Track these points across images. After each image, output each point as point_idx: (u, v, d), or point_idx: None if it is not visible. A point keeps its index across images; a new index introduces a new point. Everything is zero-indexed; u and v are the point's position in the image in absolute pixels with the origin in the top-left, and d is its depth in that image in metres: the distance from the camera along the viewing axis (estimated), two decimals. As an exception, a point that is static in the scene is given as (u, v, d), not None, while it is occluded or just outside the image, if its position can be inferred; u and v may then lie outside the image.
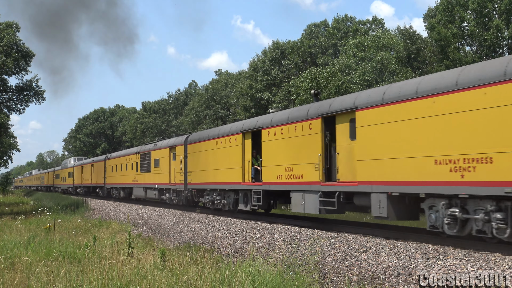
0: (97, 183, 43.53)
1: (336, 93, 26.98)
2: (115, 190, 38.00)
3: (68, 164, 59.15)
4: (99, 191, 43.68)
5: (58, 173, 67.40)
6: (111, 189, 39.09)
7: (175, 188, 24.33)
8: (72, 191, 55.25)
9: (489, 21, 27.95)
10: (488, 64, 9.38)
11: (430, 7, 35.01)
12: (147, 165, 29.12)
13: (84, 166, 49.52)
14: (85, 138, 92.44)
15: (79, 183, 51.61)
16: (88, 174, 47.24)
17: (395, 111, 10.88)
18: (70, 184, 56.32)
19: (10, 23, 32.49)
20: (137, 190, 31.31)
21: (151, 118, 71.03)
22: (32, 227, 18.62)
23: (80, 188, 51.59)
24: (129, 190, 34.31)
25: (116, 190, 37.79)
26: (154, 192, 27.73)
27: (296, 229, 14.19)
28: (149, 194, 28.85)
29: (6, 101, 34.69)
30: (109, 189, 39.82)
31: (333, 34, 40.68)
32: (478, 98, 9.09)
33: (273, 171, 15.99)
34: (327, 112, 13.51)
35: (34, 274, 9.08)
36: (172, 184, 24.86)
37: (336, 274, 9.85)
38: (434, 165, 9.89)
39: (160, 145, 27.37)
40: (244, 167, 17.98)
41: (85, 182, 48.35)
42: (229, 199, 19.45)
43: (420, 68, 32.06)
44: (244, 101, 43.06)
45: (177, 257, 11.20)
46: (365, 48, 30.41)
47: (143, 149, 30.84)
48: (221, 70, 66.46)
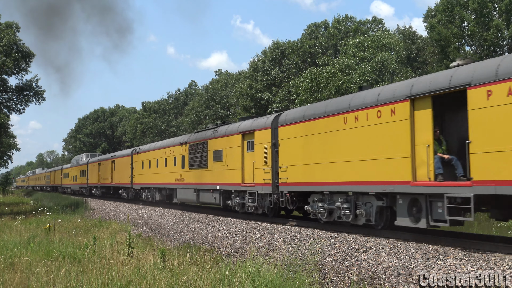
0: (120, 183, 35.80)
1: (336, 93, 26.98)
2: (146, 192, 30.25)
3: (80, 161, 51.72)
4: (123, 193, 35.99)
5: (67, 172, 59.48)
6: (141, 190, 31.40)
7: (254, 190, 17.48)
8: (85, 192, 48.44)
9: (489, 21, 27.94)
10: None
11: (430, 7, 35.02)
12: (200, 158, 22.06)
13: (102, 163, 41.43)
14: (85, 138, 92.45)
15: (94, 183, 43.90)
16: (107, 172, 39.55)
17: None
18: (83, 184, 49.19)
19: (10, 23, 32.51)
20: (183, 193, 24.03)
21: (151, 118, 71.04)
22: (32, 227, 18.63)
23: (96, 189, 43.89)
24: (169, 191, 26.98)
25: (148, 191, 30.02)
26: (214, 196, 20.76)
27: (296, 229, 14.19)
28: (205, 198, 21.80)
29: (6, 101, 34.69)
30: (138, 190, 32.32)
31: (333, 34, 40.68)
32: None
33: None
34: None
35: (34, 274, 9.07)
36: (247, 185, 17.94)
37: (336, 274, 9.85)
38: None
39: (225, 130, 20.00)
40: (414, 156, 10.72)
41: (104, 181, 40.71)
42: (367, 207, 12.37)
43: (420, 68, 32.06)
44: (244, 101, 43.07)
45: (177, 257, 11.20)
46: (365, 48, 30.42)
47: (193, 138, 23.42)
48: (221, 70, 66.48)
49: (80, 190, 51.48)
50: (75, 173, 53.91)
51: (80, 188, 51.35)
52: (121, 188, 36.16)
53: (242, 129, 18.48)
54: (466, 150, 9.43)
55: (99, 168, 42.18)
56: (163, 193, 27.62)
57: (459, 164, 10.12)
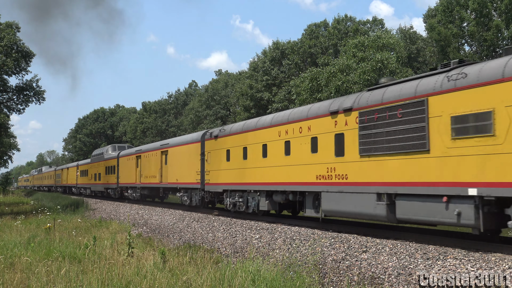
0: (178, 182, 24.63)
1: (336, 93, 26.98)
2: (236, 197, 19.07)
3: (105, 155, 40.71)
4: (185, 196, 24.27)
5: (85, 169, 48.53)
6: (225, 194, 20.04)
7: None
8: (114, 195, 38.13)
9: (489, 21, 27.94)
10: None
11: (430, 7, 35.03)
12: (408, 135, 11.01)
13: (145, 156, 30.52)
14: (85, 138, 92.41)
15: (129, 183, 33.34)
16: (152, 168, 28.92)
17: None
18: (110, 184, 38.29)
19: (10, 23, 32.51)
20: (347, 201, 12.97)
21: (151, 118, 71.02)
22: (32, 227, 18.63)
23: (133, 191, 33.27)
24: (299, 197, 15.46)
25: (239, 196, 18.89)
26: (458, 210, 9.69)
27: (296, 229, 14.18)
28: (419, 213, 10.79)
29: (6, 101, 34.69)
30: (216, 194, 21.11)
31: (333, 34, 40.67)
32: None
33: None
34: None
35: (34, 274, 9.08)
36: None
37: (336, 274, 9.85)
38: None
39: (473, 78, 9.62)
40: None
41: (147, 180, 29.74)
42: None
43: (420, 68, 32.07)
44: (244, 101, 43.06)
45: (177, 257, 11.21)
46: (365, 48, 30.42)
47: (375, 97, 12.17)
48: (221, 70, 66.48)
49: (105, 191, 40.74)
50: (96, 170, 43.28)
51: (105, 189, 40.45)
52: (182, 189, 24.71)
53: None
54: None
55: (139, 162, 31.72)
56: (280, 200, 16.32)
57: None
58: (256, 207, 17.74)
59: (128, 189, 34.81)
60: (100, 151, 44.35)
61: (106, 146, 43.72)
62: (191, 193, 23.72)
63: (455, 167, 9.67)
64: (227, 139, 19.88)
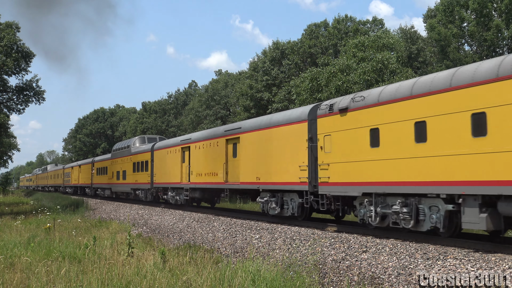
0: (260, 182, 17.39)
1: (336, 93, 26.98)
2: (405, 205, 11.44)
3: (133, 148, 32.74)
4: (272, 202, 16.89)
5: (103, 166, 40.29)
6: (365, 198, 12.62)
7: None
8: (145, 197, 29.96)
9: (489, 21, 27.94)
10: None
11: (430, 8, 35.04)
12: None
13: (196, 147, 22.87)
14: (85, 138, 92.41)
15: (174, 182, 25.13)
16: (211, 163, 21.32)
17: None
18: (142, 184, 30.13)
19: (10, 23, 32.51)
20: None
21: (151, 118, 71.03)
22: (32, 227, 18.63)
23: (178, 192, 25.22)
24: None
25: (414, 203, 11.17)
26: None
27: (296, 229, 14.18)
28: None
29: (6, 101, 34.69)
30: (343, 199, 13.90)
31: (333, 34, 40.66)
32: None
33: None
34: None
35: (34, 274, 9.08)
36: None
37: (336, 274, 9.85)
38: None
39: None
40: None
41: (202, 179, 22.08)
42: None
43: (420, 68, 32.07)
44: (244, 101, 43.06)
45: (177, 257, 11.21)
46: (365, 48, 30.42)
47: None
48: (221, 70, 66.50)
49: (132, 193, 32.70)
50: (120, 167, 35.33)
51: (133, 190, 32.37)
52: (268, 191, 17.15)
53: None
54: None
55: (186, 155, 24.01)
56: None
57: None
58: (446, 226, 10.40)
59: (167, 190, 26.55)
60: (124, 144, 36.19)
61: (132, 138, 35.46)
62: (288, 198, 16.06)
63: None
64: (372, 111, 12.12)
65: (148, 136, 33.91)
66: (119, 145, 37.60)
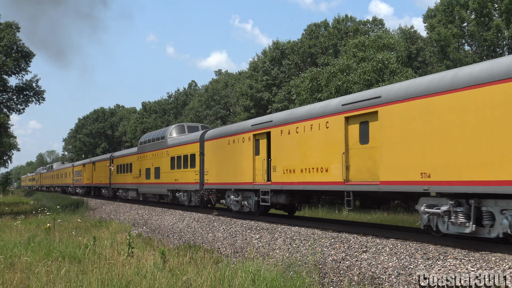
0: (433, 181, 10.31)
1: (336, 93, 26.98)
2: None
3: (170, 140, 26.20)
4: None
5: (127, 163, 33.33)
6: None
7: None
8: (189, 202, 23.71)
9: (489, 21, 27.95)
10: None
11: (429, 8, 35.05)
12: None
13: (285, 131, 15.95)
14: (85, 138, 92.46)
15: (241, 182, 18.36)
16: (314, 153, 14.42)
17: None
18: (186, 185, 23.43)
19: (10, 23, 32.53)
20: None
21: (151, 118, 71.05)
22: (32, 227, 18.64)
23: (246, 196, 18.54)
24: None
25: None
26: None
27: (296, 229, 14.18)
28: None
29: (6, 101, 34.70)
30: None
31: (333, 34, 40.66)
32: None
33: None
34: None
35: (34, 274, 9.08)
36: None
37: (336, 274, 9.85)
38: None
39: None
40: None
41: (298, 178, 15.03)
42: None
43: (420, 68, 32.08)
44: (244, 101, 43.07)
45: (177, 257, 11.21)
46: (366, 48, 30.42)
47: None
48: (221, 70, 66.54)
49: (170, 195, 25.86)
50: (150, 163, 28.57)
51: (171, 191, 25.63)
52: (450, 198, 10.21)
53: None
54: None
55: (263, 145, 17.50)
56: None
57: None
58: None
59: (225, 192, 20.16)
60: (156, 134, 29.02)
61: (167, 127, 28.08)
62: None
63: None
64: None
65: (188, 124, 27.32)
66: (149, 137, 30.45)
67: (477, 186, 9.32)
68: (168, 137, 26.46)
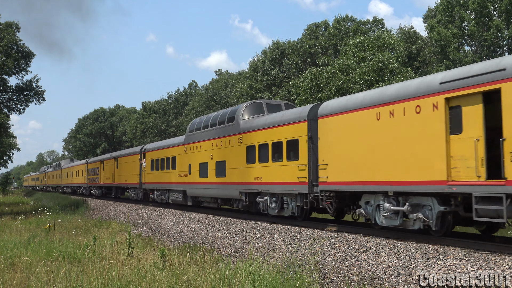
0: None
1: (336, 93, 26.98)
2: None
3: (243, 123, 18.65)
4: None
5: (168, 156, 26.11)
6: None
7: None
8: (286, 211, 15.95)
9: (489, 21, 27.95)
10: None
11: (430, 8, 35.08)
12: None
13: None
14: (85, 138, 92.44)
15: (411, 182, 10.73)
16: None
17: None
18: (280, 185, 15.86)
19: (10, 23, 32.53)
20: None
21: (151, 118, 71.05)
22: (32, 227, 18.64)
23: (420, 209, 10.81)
24: None
25: None
26: None
27: (296, 229, 14.18)
28: None
29: (6, 101, 34.71)
30: None
31: (333, 34, 40.67)
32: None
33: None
34: None
35: (34, 274, 9.08)
36: None
37: (336, 274, 9.85)
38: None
39: None
40: None
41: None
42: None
43: (420, 68, 32.08)
44: (244, 101, 43.10)
45: (177, 257, 11.21)
46: (366, 48, 30.43)
47: None
48: (221, 70, 66.55)
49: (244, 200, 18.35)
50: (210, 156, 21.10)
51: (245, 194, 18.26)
52: None
53: None
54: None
55: (471, 117, 9.48)
56: None
57: None
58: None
59: (364, 196, 12.84)
60: (219, 117, 21.11)
61: (236, 107, 20.34)
62: None
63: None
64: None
65: (268, 101, 20.22)
66: (205, 122, 22.31)
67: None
68: (241, 119, 19.06)
